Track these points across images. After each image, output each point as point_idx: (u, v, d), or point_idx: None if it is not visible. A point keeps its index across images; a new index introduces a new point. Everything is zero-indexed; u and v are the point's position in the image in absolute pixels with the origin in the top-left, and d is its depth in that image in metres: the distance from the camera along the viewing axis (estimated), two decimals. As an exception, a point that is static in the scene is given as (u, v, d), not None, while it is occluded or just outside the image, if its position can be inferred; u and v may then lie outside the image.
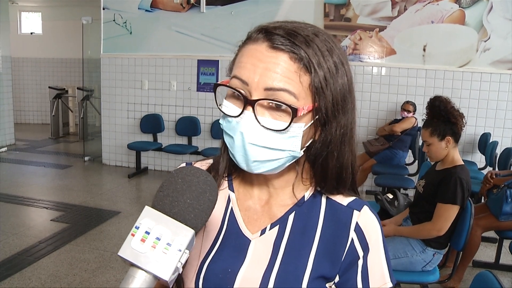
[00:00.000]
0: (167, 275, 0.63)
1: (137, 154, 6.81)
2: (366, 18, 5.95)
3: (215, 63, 6.52)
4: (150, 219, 0.66)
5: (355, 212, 0.87)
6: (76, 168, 7.19)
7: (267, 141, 0.77)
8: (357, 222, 0.86)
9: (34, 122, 11.46)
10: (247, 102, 0.76)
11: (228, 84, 0.80)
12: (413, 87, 5.94)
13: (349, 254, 0.85)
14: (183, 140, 6.83)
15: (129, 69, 6.90)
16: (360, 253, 0.85)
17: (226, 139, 0.83)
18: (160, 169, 7.08)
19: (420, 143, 5.39)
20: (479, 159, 5.82)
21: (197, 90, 6.70)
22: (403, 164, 5.74)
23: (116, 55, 6.92)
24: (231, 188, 0.94)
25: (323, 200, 0.90)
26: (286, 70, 0.75)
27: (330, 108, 0.78)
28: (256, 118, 0.76)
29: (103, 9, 6.85)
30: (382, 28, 5.92)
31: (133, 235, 0.65)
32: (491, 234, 4.13)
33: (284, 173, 0.88)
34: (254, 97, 0.76)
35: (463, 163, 2.84)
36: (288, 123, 0.75)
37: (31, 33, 11.23)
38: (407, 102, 5.64)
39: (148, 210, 0.67)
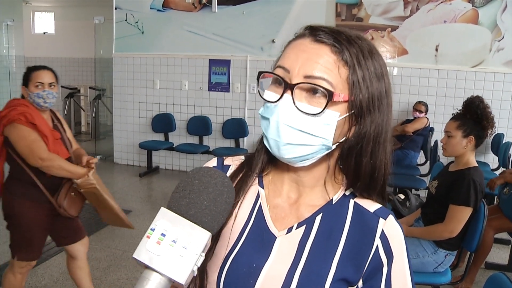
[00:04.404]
0: (183, 279, 0.62)
1: (149, 153, 6.84)
2: (378, 18, 5.93)
3: (226, 63, 6.53)
4: (166, 221, 0.65)
5: (381, 220, 0.88)
6: (88, 166, 7.21)
7: (301, 124, 0.79)
8: (382, 230, 0.87)
9: (46, 121, 11.52)
10: (287, 86, 0.79)
11: (273, 72, 0.83)
12: (425, 87, 5.90)
13: (373, 261, 0.85)
14: (194, 140, 6.84)
15: (141, 69, 6.93)
16: (384, 260, 0.86)
17: (263, 124, 0.85)
18: (172, 168, 7.10)
19: (432, 144, 5.38)
20: (492, 160, 5.77)
21: (209, 90, 6.71)
22: (414, 164, 5.71)
23: (128, 55, 6.95)
24: (261, 184, 0.95)
25: (351, 204, 0.91)
26: (326, 61, 0.79)
27: (366, 103, 0.81)
28: (294, 102, 0.79)
29: (115, 9, 6.89)
30: (394, 28, 5.88)
31: (148, 237, 0.64)
32: (505, 236, 4.09)
33: (315, 170, 0.89)
34: (294, 82, 0.79)
35: (477, 165, 2.82)
36: (323, 108, 0.78)
37: (44, 33, 11.31)
38: (419, 102, 5.60)
39: (164, 212, 0.67)
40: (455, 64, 5.75)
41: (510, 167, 5.05)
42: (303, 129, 0.80)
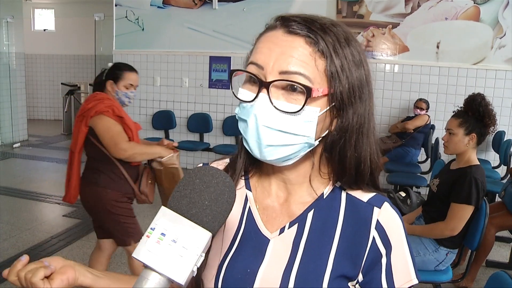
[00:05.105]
0: (182, 279, 0.61)
1: (149, 150, 6.81)
2: (379, 15, 5.91)
3: (227, 60, 6.51)
4: (167, 220, 0.64)
5: (376, 209, 0.85)
6: (88, 164, 7.20)
7: (281, 124, 0.76)
8: (377, 220, 0.84)
9: (46, 118, 11.54)
10: (262, 84, 0.75)
11: (246, 70, 0.80)
12: (426, 84, 5.88)
13: (371, 253, 0.83)
14: (194, 137, 6.83)
15: (141, 66, 6.90)
16: (383, 251, 0.83)
17: (240, 125, 0.81)
18: (172, 165, 7.07)
19: (433, 141, 5.37)
20: (493, 158, 5.76)
21: (209, 87, 6.69)
22: (415, 162, 5.69)
23: (128, 52, 6.92)
24: (248, 187, 0.93)
25: (343, 196, 0.88)
26: (302, 54, 0.75)
27: (346, 94, 0.77)
28: (271, 101, 0.75)
29: (116, 5, 6.86)
30: (395, 25, 5.86)
31: (148, 236, 0.63)
32: (506, 234, 4.08)
33: (301, 167, 0.86)
34: (269, 80, 0.75)
35: (478, 163, 2.81)
36: (302, 105, 0.74)
37: (44, 29, 11.30)
38: (420, 99, 5.59)
39: (164, 211, 0.66)
40: (456, 61, 5.73)
41: (511, 165, 5.04)
42: (283, 129, 0.76)
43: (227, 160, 0.97)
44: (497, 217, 3.54)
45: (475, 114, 2.80)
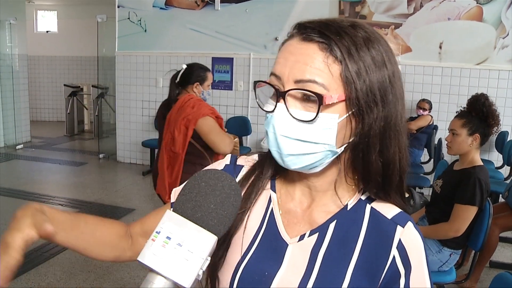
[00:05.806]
0: (188, 283, 0.61)
1: (152, 151, 6.82)
2: (381, 15, 5.90)
3: (229, 61, 6.51)
4: (172, 224, 0.64)
5: (399, 228, 0.82)
6: (91, 165, 7.23)
7: (299, 133, 0.76)
8: (400, 239, 0.81)
9: (49, 120, 11.56)
10: (279, 94, 0.76)
11: (265, 81, 0.80)
12: (429, 85, 5.88)
13: (389, 272, 0.81)
14: (197, 138, 6.81)
15: (144, 67, 6.92)
16: (402, 271, 0.81)
17: (266, 136, 0.82)
18: (174, 166, 7.07)
19: (436, 141, 5.36)
20: (496, 158, 5.74)
21: (212, 88, 6.65)
22: (418, 162, 5.69)
23: (130, 53, 6.94)
24: (273, 188, 0.92)
25: (367, 210, 0.86)
26: (315, 60, 0.74)
27: (364, 98, 0.75)
28: (288, 110, 0.75)
29: (118, 7, 6.88)
30: (397, 26, 5.86)
31: (153, 240, 0.63)
32: (510, 234, 4.07)
33: (327, 174, 0.84)
34: (286, 90, 0.76)
35: (482, 164, 2.80)
36: (316, 113, 0.73)
37: (47, 31, 11.33)
38: (423, 100, 5.58)
39: (169, 214, 0.65)
40: (459, 61, 5.72)
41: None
42: (301, 138, 0.76)
43: (256, 157, 0.97)
44: (501, 218, 3.53)
45: (479, 114, 2.79)
